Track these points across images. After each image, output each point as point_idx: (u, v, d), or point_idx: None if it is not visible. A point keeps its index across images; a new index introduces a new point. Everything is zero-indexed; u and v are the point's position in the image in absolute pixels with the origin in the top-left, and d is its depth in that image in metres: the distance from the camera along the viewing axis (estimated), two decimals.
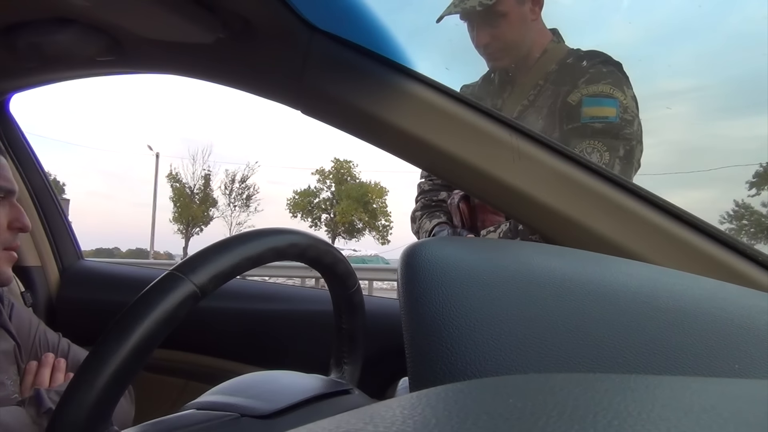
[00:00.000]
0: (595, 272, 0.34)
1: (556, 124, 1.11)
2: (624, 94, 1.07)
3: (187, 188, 31.38)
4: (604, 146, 1.05)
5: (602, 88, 1.07)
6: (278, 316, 1.17)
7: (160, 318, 0.42)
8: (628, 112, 1.07)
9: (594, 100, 1.07)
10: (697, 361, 0.29)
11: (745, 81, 36.98)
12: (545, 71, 1.17)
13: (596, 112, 1.06)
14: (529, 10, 1.17)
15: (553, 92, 1.14)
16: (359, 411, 0.18)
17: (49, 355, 0.92)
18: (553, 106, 1.12)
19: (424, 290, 0.30)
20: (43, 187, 1.32)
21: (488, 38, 1.17)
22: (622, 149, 1.05)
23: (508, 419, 0.17)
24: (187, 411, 0.50)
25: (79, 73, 1.02)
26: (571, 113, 1.09)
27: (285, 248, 0.53)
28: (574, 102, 1.08)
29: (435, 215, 1.30)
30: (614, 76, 1.09)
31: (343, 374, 0.66)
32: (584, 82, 1.09)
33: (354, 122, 0.71)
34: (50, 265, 1.31)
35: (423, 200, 1.35)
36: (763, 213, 26.58)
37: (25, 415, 0.78)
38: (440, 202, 1.33)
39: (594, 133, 1.06)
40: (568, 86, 1.11)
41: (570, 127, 1.08)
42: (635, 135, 1.08)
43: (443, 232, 1.20)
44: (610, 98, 1.06)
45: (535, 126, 1.09)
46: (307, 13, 0.65)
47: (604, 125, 1.06)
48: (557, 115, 1.11)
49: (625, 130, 1.06)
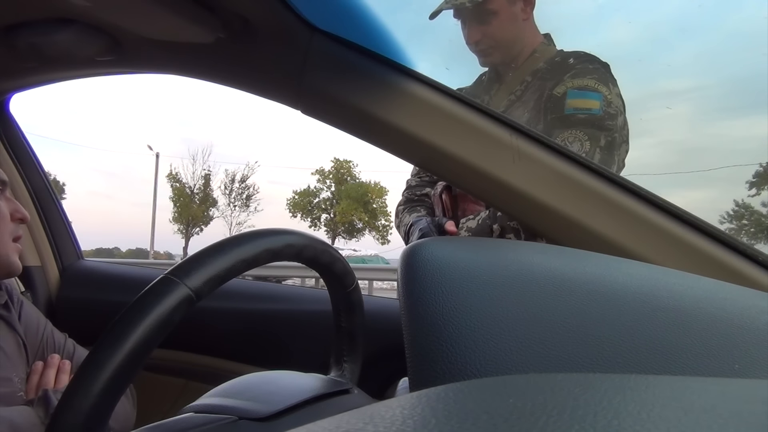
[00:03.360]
0: (595, 272, 0.34)
1: (541, 116, 1.13)
2: (609, 91, 1.10)
3: (187, 188, 31.38)
4: (586, 135, 1.07)
5: (587, 82, 1.10)
6: (278, 316, 1.17)
7: (154, 323, 0.42)
8: (611, 106, 1.09)
9: (578, 93, 1.09)
10: (697, 361, 0.29)
11: (745, 81, 36.99)
12: (533, 68, 1.20)
13: (580, 104, 1.09)
14: (520, 10, 1.19)
15: (540, 87, 1.16)
16: (359, 411, 0.18)
17: (55, 356, 0.92)
18: (539, 99, 1.15)
19: (424, 290, 0.30)
20: (43, 187, 1.32)
21: (479, 35, 1.20)
22: (603, 140, 1.07)
23: (508, 419, 0.17)
24: (185, 414, 0.50)
25: (79, 73, 1.02)
26: (555, 104, 1.11)
27: (281, 249, 0.52)
28: (559, 94, 1.11)
29: (415, 209, 1.32)
30: (600, 73, 1.12)
31: (343, 373, 0.66)
32: (570, 77, 1.11)
33: (354, 122, 0.71)
34: (50, 265, 1.31)
35: (407, 194, 1.38)
36: (763, 213, 26.58)
37: (33, 416, 0.78)
38: (423, 197, 1.35)
39: (576, 123, 1.08)
40: (554, 80, 1.13)
41: (553, 116, 1.11)
42: (618, 128, 1.10)
43: (421, 221, 1.22)
44: (594, 92, 1.09)
45: (522, 119, 1.11)
46: (307, 13, 0.65)
47: (587, 116, 1.08)
48: (542, 107, 1.13)
49: (608, 122, 1.08)
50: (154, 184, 29.23)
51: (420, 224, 1.21)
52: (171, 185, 31.38)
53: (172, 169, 32.49)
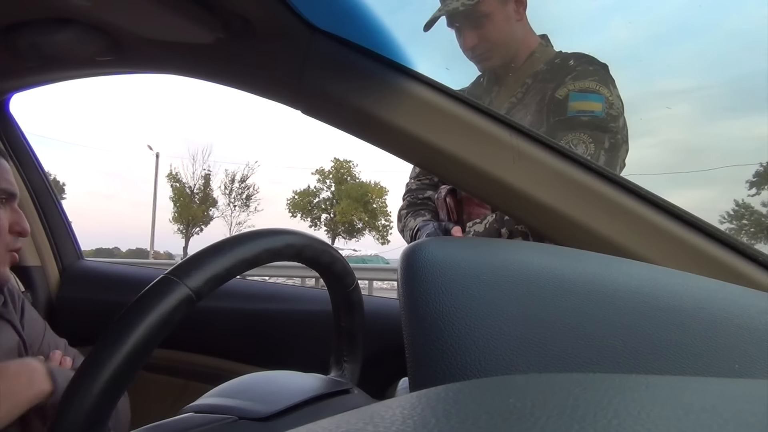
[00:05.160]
0: (595, 272, 0.34)
1: (543, 118, 1.14)
2: (610, 92, 1.11)
3: (187, 188, 31.38)
4: (590, 138, 1.08)
5: (589, 84, 1.11)
6: (278, 316, 1.17)
7: (155, 323, 0.42)
8: (613, 108, 1.10)
9: (580, 95, 1.10)
10: (697, 361, 0.29)
11: (745, 81, 36.98)
12: (533, 71, 1.20)
13: (582, 106, 1.09)
14: (513, 11, 1.20)
15: (541, 89, 1.17)
16: (359, 411, 0.18)
17: (56, 352, 0.92)
18: (541, 102, 1.15)
19: (424, 290, 0.30)
20: (43, 187, 1.32)
21: (475, 39, 1.20)
22: (608, 141, 1.09)
23: (508, 419, 0.17)
24: (185, 414, 0.50)
25: (79, 73, 1.02)
26: (558, 107, 1.12)
27: (281, 249, 0.52)
28: (561, 96, 1.12)
29: (419, 213, 1.31)
30: (600, 74, 1.13)
31: (343, 372, 0.66)
32: (571, 79, 1.12)
33: (354, 122, 0.71)
34: (50, 265, 1.31)
35: (409, 198, 1.37)
36: (763, 213, 26.58)
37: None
38: (425, 200, 1.34)
39: (580, 126, 1.09)
40: (556, 83, 1.14)
41: (557, 119, 1.11)
42: (620, 130, 1.11)
43: (428, 226, 1.21)
44: (596, 94, 1.10)
45: (523, 122, 1.12)
46: (307, 13, 0.65)
47: (590, 118, 1.09)
48: (545, 110, 1.14)
49: (611, 124, 1.09)
50: (154, 184, 29.25)
51: (427, 229, 1.21)
52: (171, 185, 31.40)
53: (172, 169, 32.53)
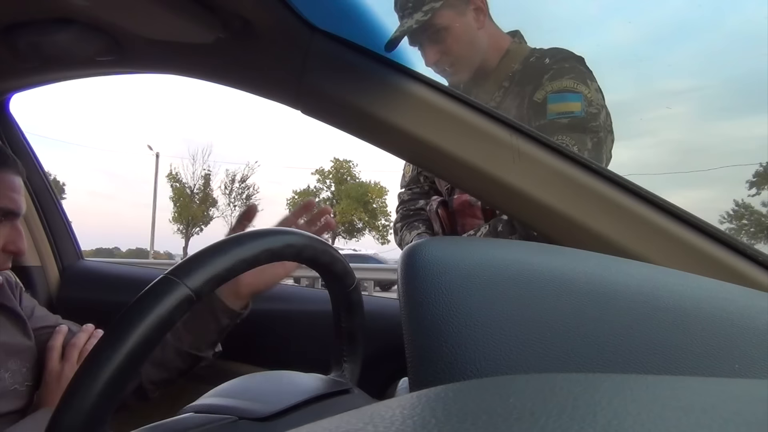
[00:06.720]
0: (595, 272, 0.34)
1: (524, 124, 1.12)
2: (588, 88, 1.09)
3: (187, 188, 31.38)
4: (572, 140, 1.06)
5: (566, 83, 1.08)
6: (278, 316, 1.17)
7: (154, 323, 0.42)
8: (593, 105, 1.08)
9: (558, 96, 1.08)
10: (697, 361, 0.29)
11: (745, 81, 36.97)
12: (509, 72, 1.17)
13: (561, 108, 1.08)
14: (472, 19, 1.16)
15: (519, 93, 1.14)
16: (359, 411, 0.18)
17: (89, 325, 0.93)
18: (521, 106, 1.13)
19: (424, 290, 0.30)
20: (43, 187, 1.32)
21: (437, 54, 1.16)
22: (590, 142, 1.07)
23: (508, 419, 0.17)
24: (185, 414, 0.50)
25: (79, 73, 1.02)
26: (537, 111, 1.10)
27: (281, 249, 0.52)
28: (540, 100, 1.10)
29: (414, 226, 1.30)
30: (577, 70, 1.10)
31: (343, 373, 0.66)
32: (548, 79, 1.10)
33: (354, 122, 0.71)
34: (50, 265, 1.31)
35: (402, 210, 1.36)
36: (763, 213, 26.59)
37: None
38: (418, 210, 1.33)
39: (561, 129, 1.07)
40: (533, 84, 1.12)
41: (537, 124, 1.09)
42: (602, 127, 1.09)
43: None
44: (573, 93, 1.08)
45: None
46: (307, 13, 0.65)
47: (570, 120, 1.07)
48: (525, 116, 1.12)
49: (592, 123, 1.08)
50: (154, 184, 29.27)
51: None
52: (171, 185, 31.41)
53: (172, 169, 32.49)
